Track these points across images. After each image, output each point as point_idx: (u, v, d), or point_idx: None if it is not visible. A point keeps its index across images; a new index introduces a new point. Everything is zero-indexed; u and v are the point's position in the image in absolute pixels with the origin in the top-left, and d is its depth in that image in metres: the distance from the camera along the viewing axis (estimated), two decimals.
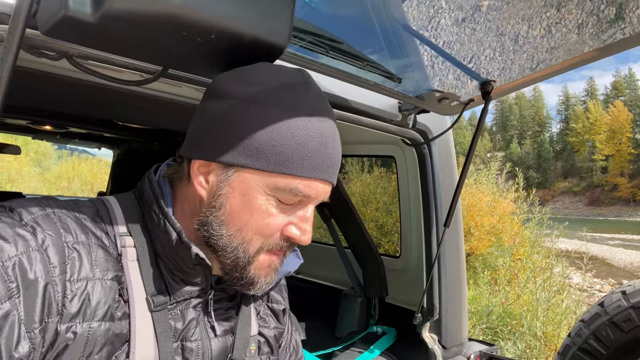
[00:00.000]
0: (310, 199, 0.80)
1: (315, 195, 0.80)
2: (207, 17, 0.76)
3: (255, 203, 0.77)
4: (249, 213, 0.78)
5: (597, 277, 12.91)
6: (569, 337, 2.41)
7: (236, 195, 0.78)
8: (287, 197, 0.78)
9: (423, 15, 1.36)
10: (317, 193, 0.80)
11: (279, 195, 0.77)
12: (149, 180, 0.86)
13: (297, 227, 0.81)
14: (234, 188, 0.78)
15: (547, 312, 5.37)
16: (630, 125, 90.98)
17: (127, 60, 1.03)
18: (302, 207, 0.81)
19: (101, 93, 1.53)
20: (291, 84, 0.78)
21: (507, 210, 8.26)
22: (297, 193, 0.77)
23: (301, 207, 0.81)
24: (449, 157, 2.08)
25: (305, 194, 0.78)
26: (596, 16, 1.16)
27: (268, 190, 0.77)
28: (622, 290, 2.24)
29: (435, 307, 1.93)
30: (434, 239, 1.96)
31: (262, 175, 0.76)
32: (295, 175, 0.76)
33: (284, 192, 0.77)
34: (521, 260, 7.05)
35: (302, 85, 0.79)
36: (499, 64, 1.44)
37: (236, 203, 0.78)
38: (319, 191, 0.80)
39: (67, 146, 3.89)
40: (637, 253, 21.31)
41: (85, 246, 0.73)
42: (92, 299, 0.71)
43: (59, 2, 0.69)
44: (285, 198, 0.78)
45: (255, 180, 0.77)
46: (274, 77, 0.79)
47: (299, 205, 0.81)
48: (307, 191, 0.78)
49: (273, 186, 0.76)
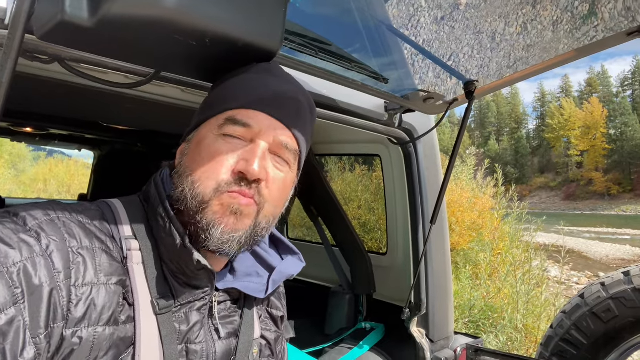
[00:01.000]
0: (253, 131, 0.82)
1: (257, 127, 0.82)
2: (201, 22, 0.77)
3: (204, 145, 0.82)
4: (199, 157, 0.82)
5: (575, 270, 13.24)
6: (551, 328, 2.48)
7: (192, 148, 0.85)
8: (229, 129, 0.81)
9: (403, 14, 1.38)
10: (260, 125, 0.82)
11: (224, 131, 0.82)
12: (154, 184, 0.86)
13: (245, 160, 0.80)
14: (191, 145, 0.86)
15: (527, 304, 5.48)
16: (604, 121, 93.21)
17: (119, 63, 1.03)
18: (252, 144, 0.82)
19: (88, 95, 1.53)
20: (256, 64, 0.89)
21: (487, 206, 8.40)
22: (236, 121, 0.81)
23: (251, 144, 0.82)
24: (433, 155, 2.12)
25: (244, 122, 0.81)
26: (570, 13, 1.19)
27: (215, 132, 0.82)
28: (602, 282, 2.32)
29: (423, 302, 1.97)
30: (421, 236, 2.00)
31: (210, 122, 0.85)
32: (234, 108, 0.83)
33: (226, 126, 0.82)
34: (501, 254, 7.19)
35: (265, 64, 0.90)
36: (477, 61, 1.47)
37: (191, 154, 0.84)
38: (262, 124, 0.82)
39: (43, 147, 3.82)
40: (613, 246, 21.90)
41: (90, 251, 0.73)
42: (97, 303, 0.71)
43: (56, 6, 0.69)
44: (229, 131, 0.81)
45: (205, 129, 0.85)
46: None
47: (250, 143, 0.82)
48: (246, 120, 0.81)
49: (216, 125, 0.83)
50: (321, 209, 2.53)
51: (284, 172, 0.87)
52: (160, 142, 2.94)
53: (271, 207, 0.85)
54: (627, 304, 2.19)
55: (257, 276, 0.96)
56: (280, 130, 0.84)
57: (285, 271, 0.98)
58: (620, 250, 20.23)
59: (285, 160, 0.86)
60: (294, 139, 0.87)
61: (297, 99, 0.87)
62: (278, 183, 0.85)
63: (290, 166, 0.88)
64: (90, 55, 0.97)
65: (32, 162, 23.56)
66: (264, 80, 0.86)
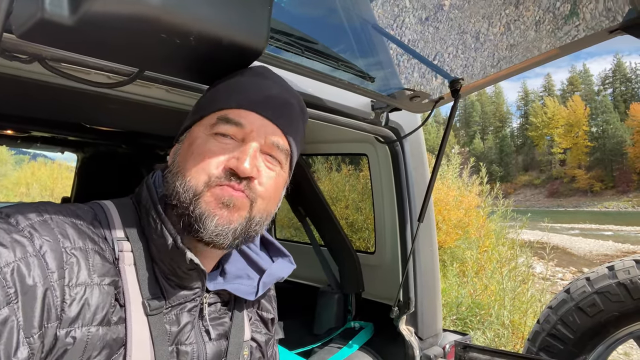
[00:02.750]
0: (244, 130, 0.83)
1: (249, 127, 0.83)
2: (185, 20, 0.76)
3: (197, 144, 0.83)
4: (191, 156, 0.83)
5: (559, 266, 13.42)
6: (538, 323, 2.51)
7: (185, 148, 0.86)
8: (222, 128, 0.82)
9: (388, 14, 1.38)
10: (252, 125, 0.83)
11: (216, 130, 0.83)
12: (146, 186, 0.87)
13: (236, 158, 0.81)
14: (183, 144, 0.87)
15: (514, 301, 5.55)
16: (586, 119, 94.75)
17: (101, 62, 1.02)
18: (244, 144, 0.83)
19: (70, 96, 1.50)
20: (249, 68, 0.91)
21: (473, 204, 8.49)
22: (227, 120, 0.82)
23: (243, 144, 0.83)
24: (420, 153, 2.12)
25: (235, 120, 0.82)
26: (552, 13, 1.21)
27: (207, 132, 0.84)
28: (587, 277, 2.35)
29: (411, 300, 1.98)
30: (409, 234, 2.01)
31: (202, 122, 0.86)
32: (225, 108, 0.84)
33: (217, 125, 0.83)
34: (487, 252, 7.26)
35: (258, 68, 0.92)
36: (462, 61, 1.48)
37: (183, 153, 0.85)
38: (254, 124, 0.83)
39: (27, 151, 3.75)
40: (596, 242, 22.26)
41: (83, 252, 0.73)
42: (90, 303, 0.71)
43: (35, 4, 0.67)
44: (221, 130, 0.82)
45: (198, 129, 0.86)
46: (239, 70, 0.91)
47: (242, 143, 0.83)
48: (237, 119, 0.83)
49: (209, 125, 0.84)
50: (309, 208, 2.52)
51: (276, 171, 0.87)
52: (144, 143, 2.90)
53: (264, 203, 0.86)
54: (612, 298, 2.23)
55: (248, 278, 0.97)
56: (271, 130, 0.85)
57: (276, 274, 0.99)
58: (603, 246, 20.57)
59: (277, 160, 0.87)
60: (285, 139, 0.88)
61: (288, 101, 0.89)
62: (270, 181, 0.86)
63: (282, 166, 0.89)
64: (71, 55, 0.95)
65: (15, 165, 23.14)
66: (257, 83, 0.88)
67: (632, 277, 2.22)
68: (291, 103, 0.90)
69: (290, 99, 0.90)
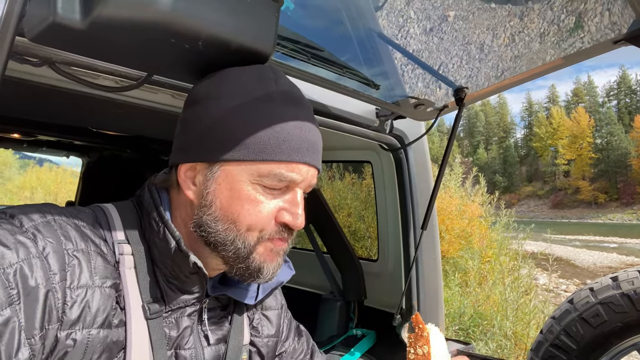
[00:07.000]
0: (296, 182, 0.81)
1: (300, 179, 0.81)
2: (195, 25, 0.77)
3: (243, 193, 0.79)
4: (239, 205, 0.79)
5: (563, 278, 13.34)
6: (541, 333, 2.49)
7: (224, 190, 0.79)
8: (272, 182, 0.79)
9: (393, 24, 1.40)
10: (302, 176, 0.81)
11: (264, 182, 0.79)
12: (148, 189, 0.87)
13: (289, 212, 0.82)
14: (220, 183, 0.79)
15: (517, 312, 5.51)
16: (591, 131, 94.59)
17: (110, 66, 1.03)
18: (290, 191, 0.83)
19: (77, 100, 1.51)
20: (261, 78, 0.82)
21: (476, 214, 8.45)
22: (281, 178, 0.79)
23: (289, 192, 0.83)
24: (424, 162, 2.13)
25: (289, 177, 0.80)
26: (557, 25, 1.21)
27: (253, 180, 0.79)
28: (590, 287, 2.33)
29: (414, 308, 1.97)
30: (412, 242, 2.00)
31: (244, 165, 0.78)
32: (276, 160, 0.78)
33: (269, 179, 0.79)
34: (490, 262, 7.23)
35: (271, 77, 0.83)
36: (466, 71, 1.49)
37: (225, 197, 0.80)
38: (304, 174, 0.82)
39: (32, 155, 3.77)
40: (600, 254, 22.13)
41: (85, 254, 0.73)
42: (91, 306, 0.71)
43: (48, 8, 0.68)
44: (271, 184, 0.79)
45: (239, 172, 0.78)
46: (244, 74, 0.83)
47: (287, 191, 0.82)
48: (290, 174, 0.79)
49: (257, 174, 0.78)
50: (312, 216, 2.52)
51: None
52: (150, 148, 2.92)
53: None
54: (615, 309, 2.20)
55: (248, 283, 0.96)
56: (312, 174, 0.85)
57: (275, 278, 0.98)
58: (607, 258, 20.45)
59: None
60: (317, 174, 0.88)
61: (317, 133, 0.86)
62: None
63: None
64: (81, 58, 0.97)
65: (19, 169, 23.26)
66: (292, 116, 0.81)
67: (636, 288, 2.20)
68: (319, 133, 0.87)
69: (316, 126, 0.86)
